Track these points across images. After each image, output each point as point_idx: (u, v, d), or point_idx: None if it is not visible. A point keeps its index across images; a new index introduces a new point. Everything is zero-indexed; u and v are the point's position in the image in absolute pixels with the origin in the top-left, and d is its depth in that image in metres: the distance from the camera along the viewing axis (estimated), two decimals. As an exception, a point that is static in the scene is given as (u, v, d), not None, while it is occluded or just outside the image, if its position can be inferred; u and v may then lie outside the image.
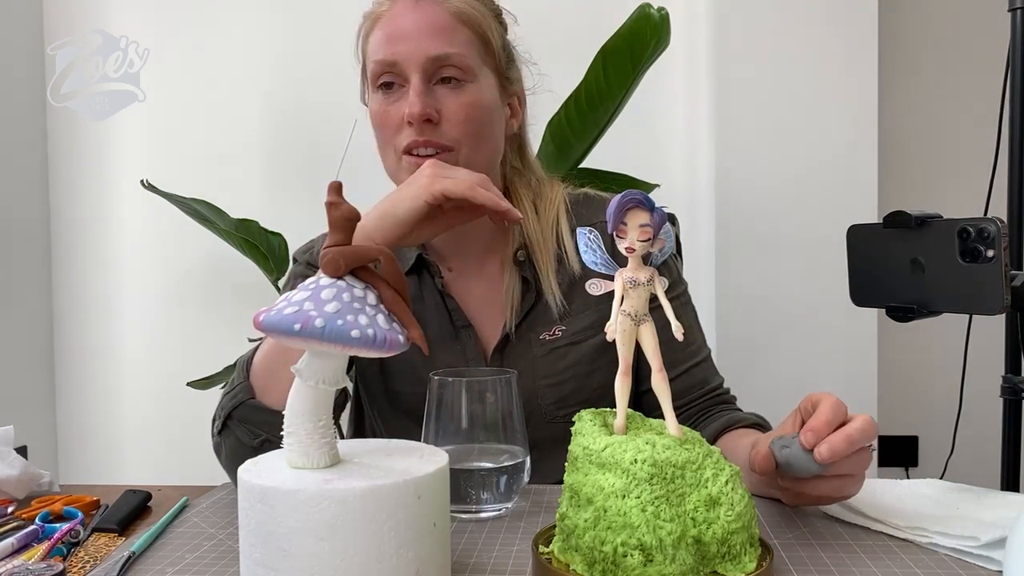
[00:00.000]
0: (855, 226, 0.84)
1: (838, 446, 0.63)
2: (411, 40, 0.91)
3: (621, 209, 0.56)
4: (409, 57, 0.91)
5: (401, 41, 0.92)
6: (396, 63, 0.92)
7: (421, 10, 0.93)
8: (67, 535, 0.70)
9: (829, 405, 0.66)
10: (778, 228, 2.00)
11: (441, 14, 0.93)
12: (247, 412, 0.84)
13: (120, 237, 2.01)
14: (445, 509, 0.59)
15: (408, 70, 0.91)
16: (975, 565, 0.62)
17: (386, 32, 0.93)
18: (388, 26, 0.93)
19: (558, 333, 0.97)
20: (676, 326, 0.57)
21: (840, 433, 0.64)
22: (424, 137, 0.91)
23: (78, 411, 2.03)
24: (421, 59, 0.91)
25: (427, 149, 0.91)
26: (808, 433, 0.65)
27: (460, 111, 0.92)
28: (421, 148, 0.91)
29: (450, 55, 0.92)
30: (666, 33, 1.48)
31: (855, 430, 0.65)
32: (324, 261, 0.57)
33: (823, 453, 0.63)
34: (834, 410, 0.66)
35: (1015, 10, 1.46)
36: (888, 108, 2.18)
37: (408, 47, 0.91)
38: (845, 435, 0.64)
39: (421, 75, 0.91)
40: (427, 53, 0.91)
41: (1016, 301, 0.73)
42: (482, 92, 0.95)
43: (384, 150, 0.96)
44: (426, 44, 0.91)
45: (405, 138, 0.92)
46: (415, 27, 0.92)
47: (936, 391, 2.13)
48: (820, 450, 0.63)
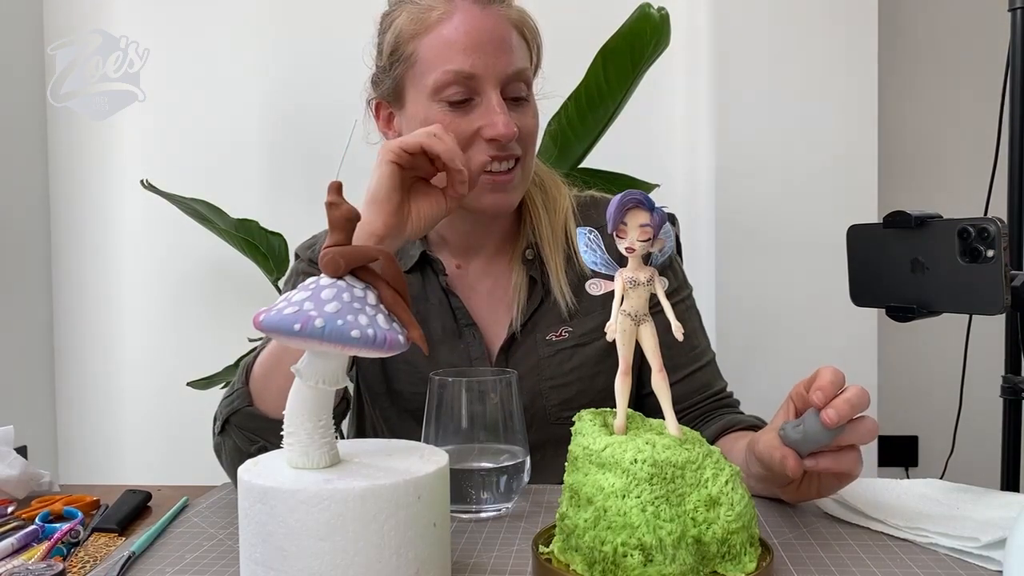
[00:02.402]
0: (855, 226, 0.84)
1: (842, 408, 0.64)
2: (488, 52, 0.88)
3: (621, 209, 0.56)
4: (489, 71, 0.88)
5: (478, 52, 0.88)
6: (475, 76, 0.88)
7: (491, 19, 0.89)
8: (67, 535, 0.70)
9: (828, 369, 0.67)
10: (778, 228, 2.00)
11: (506, 24, 0.90)
12: (243, 419, 0.84)
13: (120, 237, 2.00)
14: (445, 509, 0.59)
15: (486, 84, 0.88)
16: (975, 565, 0.62)
17: (456, 39, 0.88)
18: (455, 32, 0.88)
19: (565, 334, 0.97)
20: (676, 326, 0.57)
21: (839, 398, 0.65)
22: (506, 152, 0.90)
23: (78, 411, 2.03)
24: (502, 75, 0.88)
25: (506, 163, 0.91)
26: (817, 392, 0.65)
27: (529, 127, 0.92)
28: (496, 164, 0.90)
29: (524, 71, 0.91)
30: (666, 33, 1.48)
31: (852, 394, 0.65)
32: (324, 261, 0.57)
33: (830, 416, 0.64)
34: (833, 372, 0.67)
35: (1015, 10, 1.46)
36: (888, 108, 2.18)
37: (487, 59, 0.88)
38: (844, 399, 0.65)
39: (499, 90, 0.89)
40: (507, 68, 0.89)
41: (1016, 301, 0.73)
42: (535, 104, 0.95)
43: None
44: (504, 57, 0.89)
45: (481, 152, 0.89)
46: (490, 38, 0.88)
47: (936, 391, 2.13)
48: (827, 413, 0.64)
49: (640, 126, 1.87)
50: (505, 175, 0.91)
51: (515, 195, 0.95)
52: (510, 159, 0.91)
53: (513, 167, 0.92)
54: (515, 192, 0.94)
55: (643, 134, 1.92)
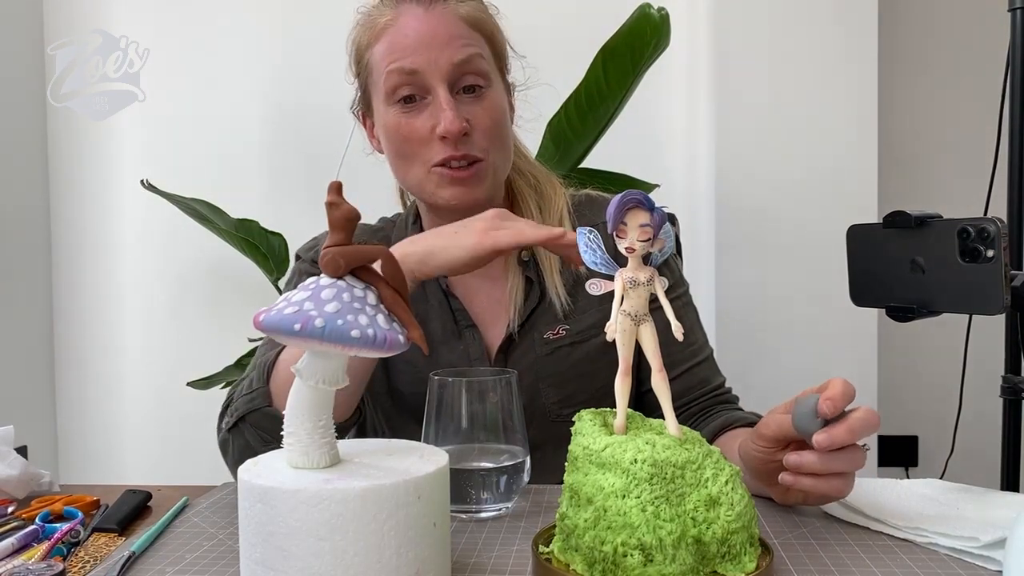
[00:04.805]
0: (855, 226, 0.84)
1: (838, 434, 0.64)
2: (431, 48, 0.89)
3: (621, 209, 0.56)
4: (432, 65, 0.89)
5: (420, 49, 0.89)
6: (418, 72, 0.89)
7: (434, 17, 0.90)
8: (67, 535, 0.70)
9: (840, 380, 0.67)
10: (778, 228, 2.00)
11: (454, 20, 0.91)
12: (260, 418, 0.84)
13: (120, 237, 2.01)
14: (445, 509, 0.59)
15: (431, 79, 0.89)
16: (975, 565, 0.62)
17: (399, 41, 0.90)
18: (399, 35, 0.90)
19: (562, 332, 0.97)
20: (676, 326, 0.57)
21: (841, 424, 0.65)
22: (460, 151, 0.90)
23: (78, 411, 2.03)
24: (446, 67, 0.89)
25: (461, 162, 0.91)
26: (827, 402, 0.65)
27: (486, 119, 0.92)
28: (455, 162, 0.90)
29: (471, 59, 0.90)
30: (666, 33, 1.48)
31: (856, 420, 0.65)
32: (324, 261, 0.57)
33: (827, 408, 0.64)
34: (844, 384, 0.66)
35: (1015, 10, 1.46)
36: (888, 108, 2.18)
37: (430, 55, 0.89)
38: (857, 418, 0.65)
39: (446, 85, 0.89)
40: (451, 60, 0.89)
41: (1016, 301, 0.73)
42: (498, 96, 0.94)
43: (407, 163, 0.94)
44: (448, 51, 0.89)
45: (438, 153, 0.90)
46: (432, 34, 0.89)
47: (936, 391, 2.13)
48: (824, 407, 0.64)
49: (640, 126, 1.87)
50: (463, 171, 0.91)
51: (478, 190, 0.94)
52: (464, 159, 0.91)
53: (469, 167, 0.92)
54: (478, 187, 0.94)
55: (643, 134, 1.92)
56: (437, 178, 0.92)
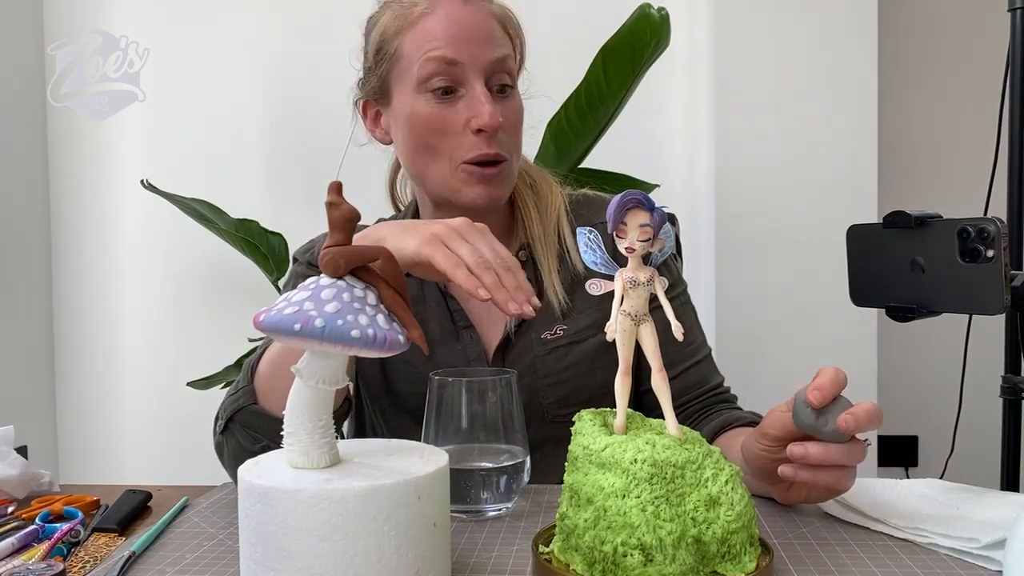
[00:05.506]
0: (855, 226, 0.84)
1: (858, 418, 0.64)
2: (469, 42, 0.88)
3: (621, 209, 0.56)
4: (473, 59, 0.89)
5: (459, 42, 0.88)
6: (458, 63, 0.88)
7: (474, 12, 0.90)
8: (67, 535, 0.70)
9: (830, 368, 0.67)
10: (778, 228, 2.00)
11: (489, 17, 0.91)
12: (248, 417, 0.84)
13: (120, 237, 2.00)
14: (445, 509, 0.59)
15: (469, 73, 0.89)
16: (975, 565, 0.62)
17: (440, 30, 0.89)
18: (439, 24, 0.89)
19: (560, 332, 0.97)
20: (676, 326, 0.57)
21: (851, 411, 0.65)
22: (493, 149, 0.90)
23: (78, 411, 2.03)
24: (484, 63, 0.89)
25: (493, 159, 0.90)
26: (815, 392, 0.65)
27: (514, 119, 0.92)
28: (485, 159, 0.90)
29: (506, 59, 0.91)
30: (666, 33, 1.48)
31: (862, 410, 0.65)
32: (324, 261, 0.57)
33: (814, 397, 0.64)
34: (835, 371, 0.66)
35: (1015, 10, 1.46)
36: (888, 108, 2.18)
37: (469, 48, 0.88)
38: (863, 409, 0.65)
39: (483, 80, 0.89)
40: (490, 57, 0.89)
41: (1016, 301, 0.73)
42: (520, 99, 0.95)
43: (431, 157, 0.92)
44: (488, 47, 0.89)
45: (470, 148, 0.90)
46: (473, 28, 0.89)
47: (936, 391, 2.13)
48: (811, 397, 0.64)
49: (640, 126, 1.87)
50: (491, 168, 0.91)
51: (502, 189, 0.94)
52: (496, 159, 0.91)
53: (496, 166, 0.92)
54: (502, 186, 0.94)
55: (643, 134, 1.92)
56: (465, 175, 0.91)
